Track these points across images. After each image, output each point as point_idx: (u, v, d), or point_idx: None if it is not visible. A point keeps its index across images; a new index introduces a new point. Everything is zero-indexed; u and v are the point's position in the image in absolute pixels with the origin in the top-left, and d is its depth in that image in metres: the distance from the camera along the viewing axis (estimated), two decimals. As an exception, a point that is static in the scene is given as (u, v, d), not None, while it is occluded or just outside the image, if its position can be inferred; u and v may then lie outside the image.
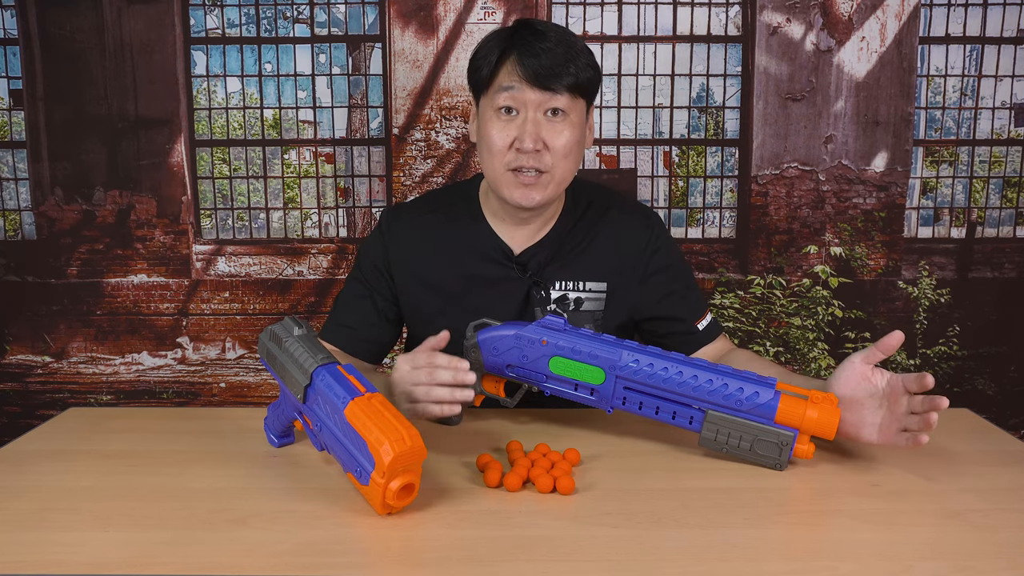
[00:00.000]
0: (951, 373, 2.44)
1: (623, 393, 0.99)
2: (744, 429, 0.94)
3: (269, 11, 2.35)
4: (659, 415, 0.99)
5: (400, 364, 1.02)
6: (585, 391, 1.01)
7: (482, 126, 1.18)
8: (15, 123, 2.38)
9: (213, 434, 1.08)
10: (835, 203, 2.40)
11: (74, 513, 0.85)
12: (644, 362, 0.97)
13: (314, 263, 2.44)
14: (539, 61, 1.12)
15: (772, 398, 0.94)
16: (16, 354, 2.47)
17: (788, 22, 2.33)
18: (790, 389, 0.95)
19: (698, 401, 0.96)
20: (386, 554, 0.76)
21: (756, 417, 0.94)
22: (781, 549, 0.77)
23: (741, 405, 0.94)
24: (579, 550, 0.76)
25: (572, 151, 1.17)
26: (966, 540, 0.79)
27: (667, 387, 0.97)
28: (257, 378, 2.48)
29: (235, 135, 2.41)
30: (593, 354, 1.00)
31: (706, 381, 0.95)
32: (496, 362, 1.05)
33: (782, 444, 0.93)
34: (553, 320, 1.03)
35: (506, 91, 1.14)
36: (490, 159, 1.17)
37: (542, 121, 1.14)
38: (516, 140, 1.14)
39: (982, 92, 2.37)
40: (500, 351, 1.04)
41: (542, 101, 1.14)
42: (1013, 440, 1.07)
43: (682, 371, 0.96)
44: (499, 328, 1.05)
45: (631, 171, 2.42)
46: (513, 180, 1.16)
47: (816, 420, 0.92)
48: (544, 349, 1.02)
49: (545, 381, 1.03)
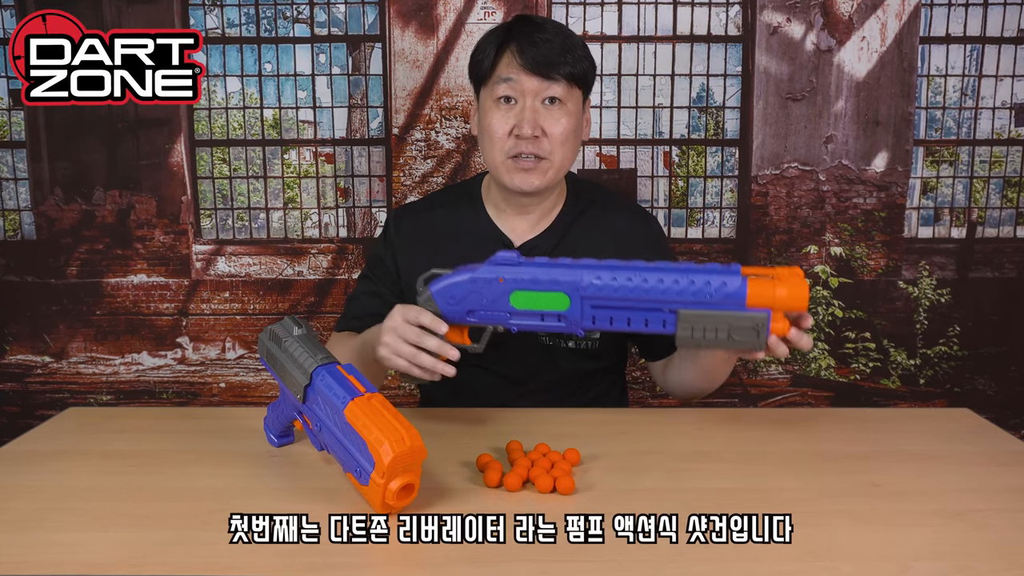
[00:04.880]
0: (951, 373, 2.44)
1: (591, 313, 0.97)
2: (718, 320, 0.93)
3: (269, 11, 2.35)
4: (631, 326, 0.97)
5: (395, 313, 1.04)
6: (552, 319, 0.99)
7: (482, 116, 1.23)
8: (15, 123, 2.38)
9: (213, 434, 1.08)
10: (835, 203, 2.40)
11: (74, 513, 0.85)
12: (607, 278, 0.95)
13: (314, 263, 2.44)
14: (537, 50, 1.16)
15: (740, 285, 0.93)
16: (16, 354, 2.46)
17: (788, 22, 2.33)
18: (754, 271, 0.95)
19: (668, 303, 0.94)
20: (386, 554, 0.76)
21: (728, 306, 0.93)
22: (781, 549, 0.77)
23: (711, 298, 0.93)
24: (579, 550, 0.76)
25: (569, 138, 1.21)
26: (966, 540, 0.79)
27: (635, 297, 0.95)
28: (257, 378, 2.48)
29: (235, 135, 2.41)
30: (554, 280, 0.97)
31: (672, 282, 0.94)
32: (456, 311, 1.02)
33: (758, 326, 0.93)
34: (505, 255, 1.01)
35: (505, 81, 1.19)
36: (490, 147, 1.22)
37: (540, 109, 1.19)
38: (515, 127, 1.19)
39: (982, 92, 2.37)
40: (458, 298, 1.02)
41: (540, 89, 1.18)
42: (1013, 440, 1.07)
43: (647, 278, 0.94)
44: (451, 276, 1.03)
45: (631, 171, 2.42)
46: (513, 166, 1.20)
47: (787, 296, 0.92)
48: (503, 287, 0.99)
49: (510, 319, 1.01)
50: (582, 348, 1.30)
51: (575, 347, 1.30)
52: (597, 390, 1.35)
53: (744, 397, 2.46)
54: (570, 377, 1.32)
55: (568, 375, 1.32)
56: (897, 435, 1.10)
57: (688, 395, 1.30)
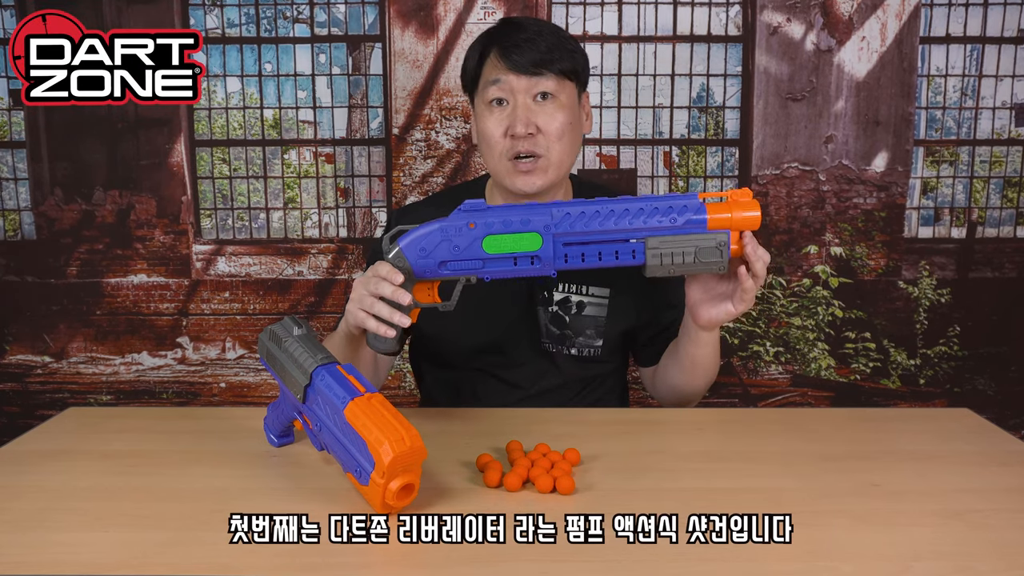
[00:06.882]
0: (951, 373, 2.44)
1: (563, 251, 0.99)
2: (684, 243, 0.97)
3: (269, 11, 2.35)
4: (603, 260, 0.99)
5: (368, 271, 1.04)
6: (525, 262, 0.99)
7: (478, 122, 1.23)
8: (15, 123, 2.38)
9: (213, 434, 1.08)
10: (835, 203, 2.40)
11: (74, 513, 0.85)
12: (575, 212, 0.98)
13: (314, 263, 2.44)
14: (520, 49, 1.16)
15: (700, 206, 0.97)
16: (16, 354, 2.46)
17: (788, 22, 2.33)
18: (708, 196, 0.99)
19: (636, 232, 0.98)
20: (386, 554, 0.76)
21: (691, 229, 0.97)
22: (781, 549, 0.77)
23: (676, 222, 0.97)
24: (579, 550, 0.76)
25: (566, 133, 1.19)
26: (966, 540, 0.78)
27: (604, 228, 0.98)
28: (257, 378, 2.48)
29: (235, 135, 2.41)
30: (526, 219, 0.98)
31: (638, 211, 0.97)
32: (427, 264, 1.01)
33: (721, 246, 0.97)
34: (473, 203, 1.01)
35: (494, 84, 1.18)
36: (489, 152, 1.21)
37: (532, 106, 1.18)
38: (509, 127, 1.18)
39: (982, 92, 2.37)
40: (428, 250, 1.01)
41: (529, 86, 1.17)
42: (1013, 440, 1.07)
43: (613, 209, 0.98)
44: (420, 228, 1.02)
45: (631, 171, 2.42)
46: (513, 169, 1.19)
47: (742, 218, 0.98)
48: (475, 232, 0.99)
49: (483, 267, 1.00)
50: (584, 355, 1.29)
51: (577, 353, 1.29)
52: (598, 393, 1.35)
53: (744, 397, 2.46)
54: (572, 383, 1.32)
55: (570, 381, 1.31)
56: (897, 435, 1.10)
57: (678, 399, 1.28)
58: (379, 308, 1.00)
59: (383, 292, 0.99)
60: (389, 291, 0.99)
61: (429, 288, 1.05)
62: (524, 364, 1.29)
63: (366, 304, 1.01)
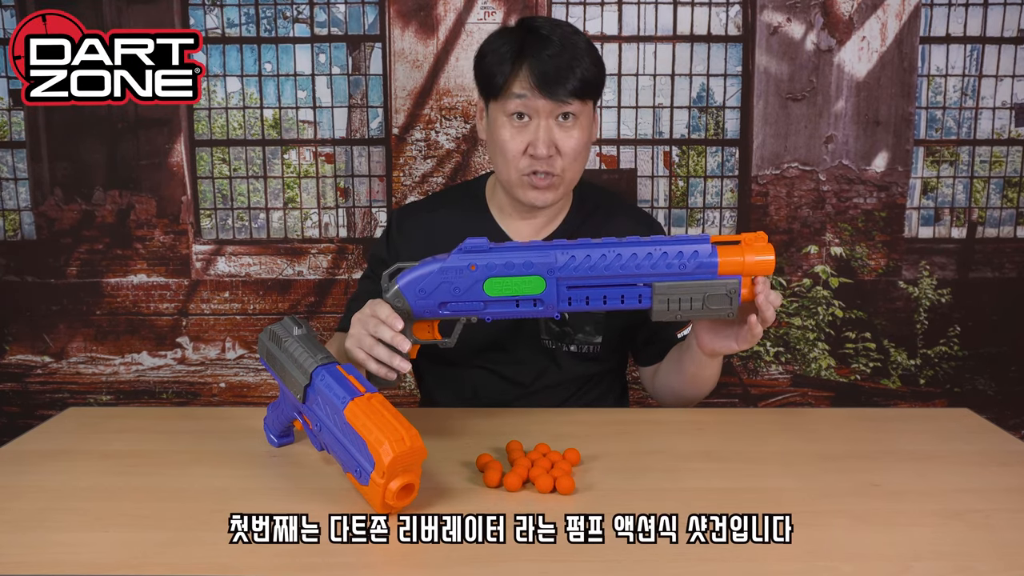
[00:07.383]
0: (951, 373, 2.44)
1: (567, 294, 0.96)
2: (693, 290, 0.94)
3: (269, 11, 2.35)
4: (607, 304, 0.96)
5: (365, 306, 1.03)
6: (528, 304, 0.97)
7: (495, 130, 1.21)
8: (15, 123, 2.38)
9: (213, 434, 1.08)
10: (835, 203, 2.40)
11: (74, 513, 0.85)
12: (580, 256, 0.95)
13: (314, 263, 2.44)
14: (548, 70, 1.13)
15: (711, 253, 0.94)
16: (16, 354, 2.46)
17: (788, 22, 2.33)
18: (721, 239, 0.96)
19: (643, 277, 0.95)
20: (386, 554, 0.76)
21: (700, 276, 0.94)
22: (781, 549, 0.77)
23: (685, 268, 0.94)
24: (579, 550, 0.76)
25: (581, 153, 1.21)
26: (966, 540, 0.78)
27: (610, 273, 0.94)
28: (257, 378, 2.48)
29: (235, 135, 2.41)
30: (528, 263, 0.95)
31: (646, 256, 0.94)
32: (427, 304, 0.99)
33: (731, 292, 0.94)
34: (474, 242, 0.98)
35: (518, 98, 1.17)
36: (505, 164, 1.20)
37: (553, 126, 1.17)
38: (530, 146, 1.17)
39: (983, 92, 2.37)
40: (428, 291, 0.98)
41: (554, 108, 1.16)
42: (1013, 440, 1.07)
43: (620, 253, 0.94)
44: (418, 268, 0.99)
45: (631, 171, 2.42)
46: (527, 183, 1.20)
47: (755, 263, 0.94)
48: (476, 274, 0.97)
49: (484, 308, 0.98)
50: (584, 352, 1.30)
51: (576, 351, 1.29)
52: (597, 391, 1.35)
53: (744, 397, 2.46)
54: (571, 380, 1.32)
55: (569, 378, 1.31)
56: (897, 435, 1.10)
57: (677, 402, 1.28)
58: (379, 352, 0.99)
59: (382, 336, 0.98)
60: (388, 336, 0.98)
61: (429, 326, 1.04)
62: (524, 361, 1.29)
63: (365, 345, 1.00)
